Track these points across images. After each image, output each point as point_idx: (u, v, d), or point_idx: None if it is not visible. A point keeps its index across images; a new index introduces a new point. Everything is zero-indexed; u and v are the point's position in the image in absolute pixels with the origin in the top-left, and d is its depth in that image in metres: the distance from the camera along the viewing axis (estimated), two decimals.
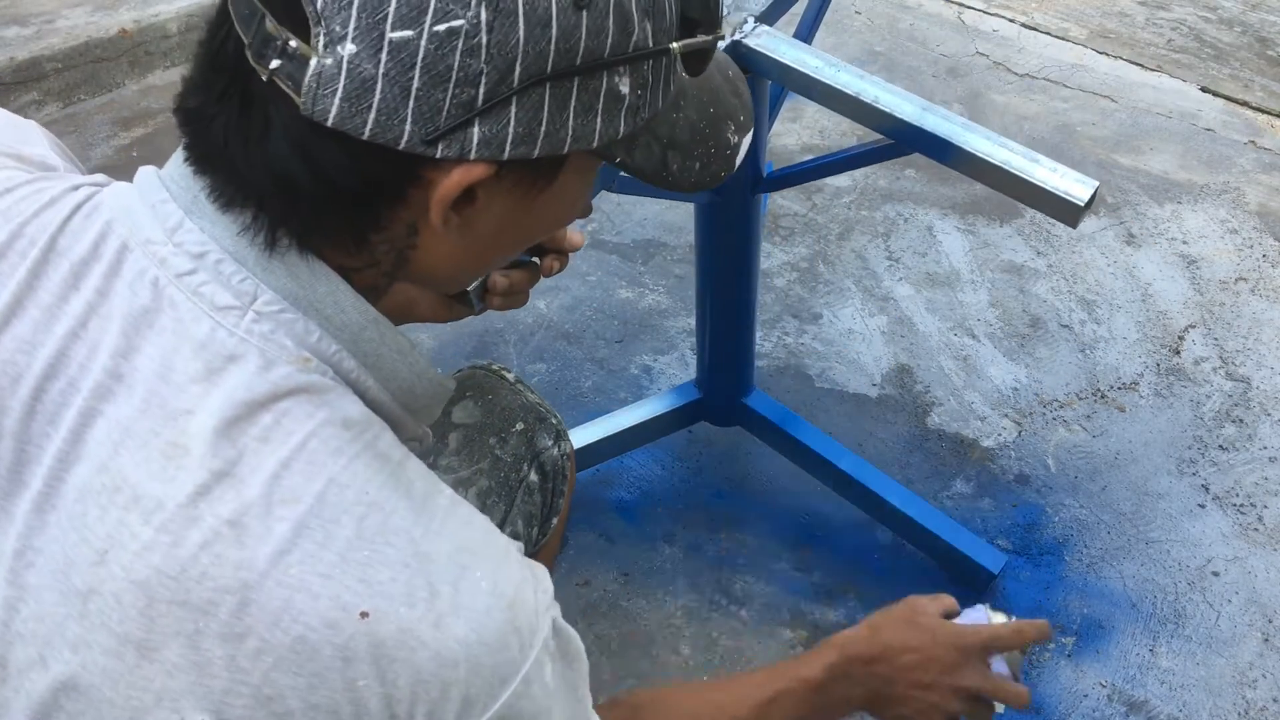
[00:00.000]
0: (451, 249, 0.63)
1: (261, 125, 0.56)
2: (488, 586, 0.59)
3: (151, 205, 0.60)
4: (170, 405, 0.57)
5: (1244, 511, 1.76)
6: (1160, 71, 2.94)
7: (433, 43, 0.53)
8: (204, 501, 0.55)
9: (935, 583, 1.64)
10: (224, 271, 0.59)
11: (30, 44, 2.59)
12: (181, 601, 0.54)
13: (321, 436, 0.57)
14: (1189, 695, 1.51)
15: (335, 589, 0.55)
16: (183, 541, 0.55)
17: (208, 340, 0.58)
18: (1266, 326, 2.12)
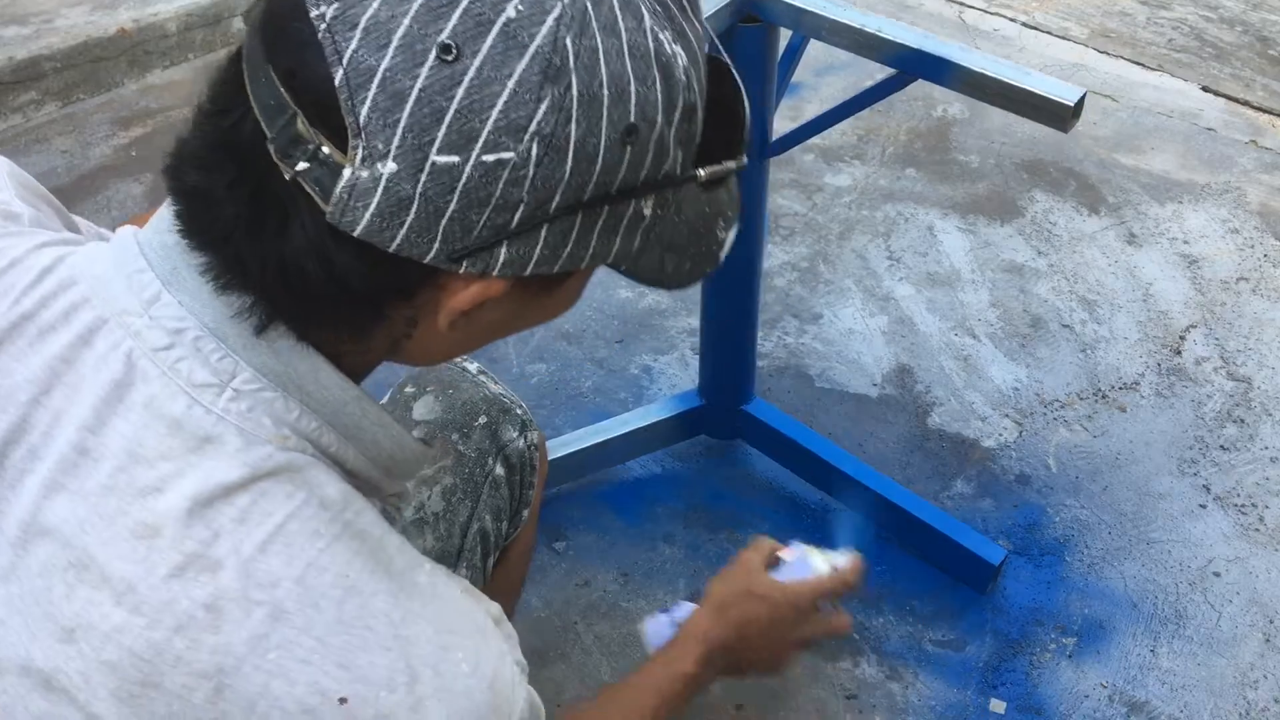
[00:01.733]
0: (447, 342, 0.63)
1: (276, 222, 0.54)
2: (468, 668, 0.58)
3: (128, 275, 0.58)
4: (139, 483, 0.55)
5: (1245, 512, 1.76)
6: (1161, 71, 2.94)
7: (478, 171, 0.51)
8: (178, 583, 0.54)
9: (934, 582, 1.64)
10: (203, 349, 0.57)
11: (29, 43, 2.59)
12: (155, 684, 0.53)
13: (300, 518, 0.56)
14: (1190, 696, 1.51)
15: (313, 674, 0.54)
16: (157, 624, 0.53)
17: (183, 418, 0.56)
18: (1268, 326, 2.11)
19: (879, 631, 1.58)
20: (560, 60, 0.51)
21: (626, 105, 0.53)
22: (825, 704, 1.49)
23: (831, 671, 1.53)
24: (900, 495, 1.65)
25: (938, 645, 1.57)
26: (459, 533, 1.05)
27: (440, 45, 0.49)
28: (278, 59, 0.52)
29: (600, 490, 1.77)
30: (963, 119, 2.71)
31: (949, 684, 1.52)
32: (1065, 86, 1.10)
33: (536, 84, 0.51)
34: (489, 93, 0.50)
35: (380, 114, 0.50)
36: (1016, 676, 1.53)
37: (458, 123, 0.50)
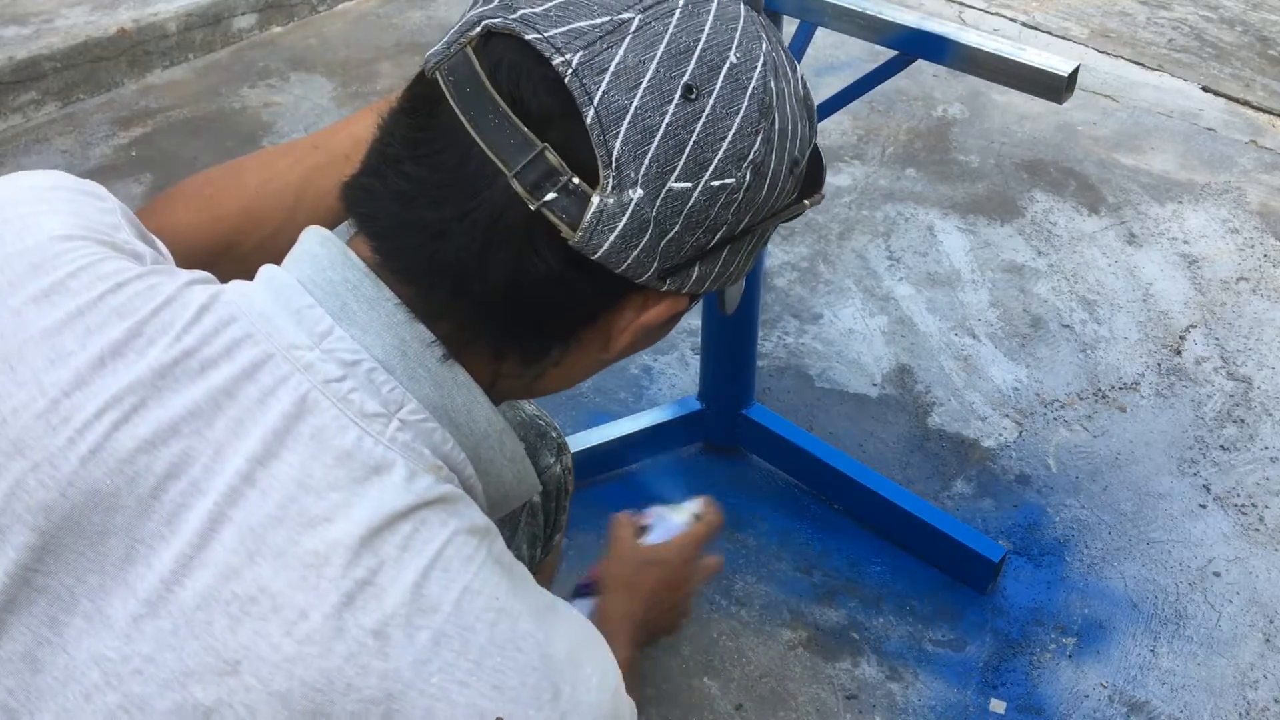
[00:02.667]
0: (584, 367, 0.68)
1: (512, 253, 0.58)
2: (597, 682, 0.61)
3: (296, 311, 0.60)
4: (310, 513, 0.56)
5: (1245, 512, 1.76)
6: (1161, 71, 2.94)
7: (704, 195, 0.59)
8: (348, 612, 0.55)
9: (934, 582, 1.64)
10: (375, 380, 0.59)
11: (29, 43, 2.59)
12: (325, 714, 0.54)
13: (455, 544, 0.58)
14: (1190, 696, 1.51)
15: (472, 696, 0.56)
16: (329, 653, 0.54)
17: (354, 449, 0.58)
18: (1268, 326, 2.11)
19: (879, 631, 1.58)
20: (769, 100, 0.60)
21: (796, 140, 0.63)
22: (825, 704, 1.49)
23: (831, 671, 1.53)
24: (900, 495, 1.65)
25: (938, 645, 1.57)
26: None
27: (684, 86, 0.57)
28: (519, 97, 0.57)
29: (600, 489, 1.77)
30: (963, 119, 2.71)
31: (949, 684, 1.52)
32: (1059, 60, 1.15)
33: (755, 119, 0.59)
34: (721, 126, 0.58)
35: (631, 147, 0.56)
36: (1016, 676, 1.53)
37: (695, 153, 0.58)
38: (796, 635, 1.57)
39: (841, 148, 2.60)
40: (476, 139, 0.57)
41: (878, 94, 2.78)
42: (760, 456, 1.79)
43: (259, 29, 3.00)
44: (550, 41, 0.56)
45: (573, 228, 0.57)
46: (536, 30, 0.57)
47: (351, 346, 0.59)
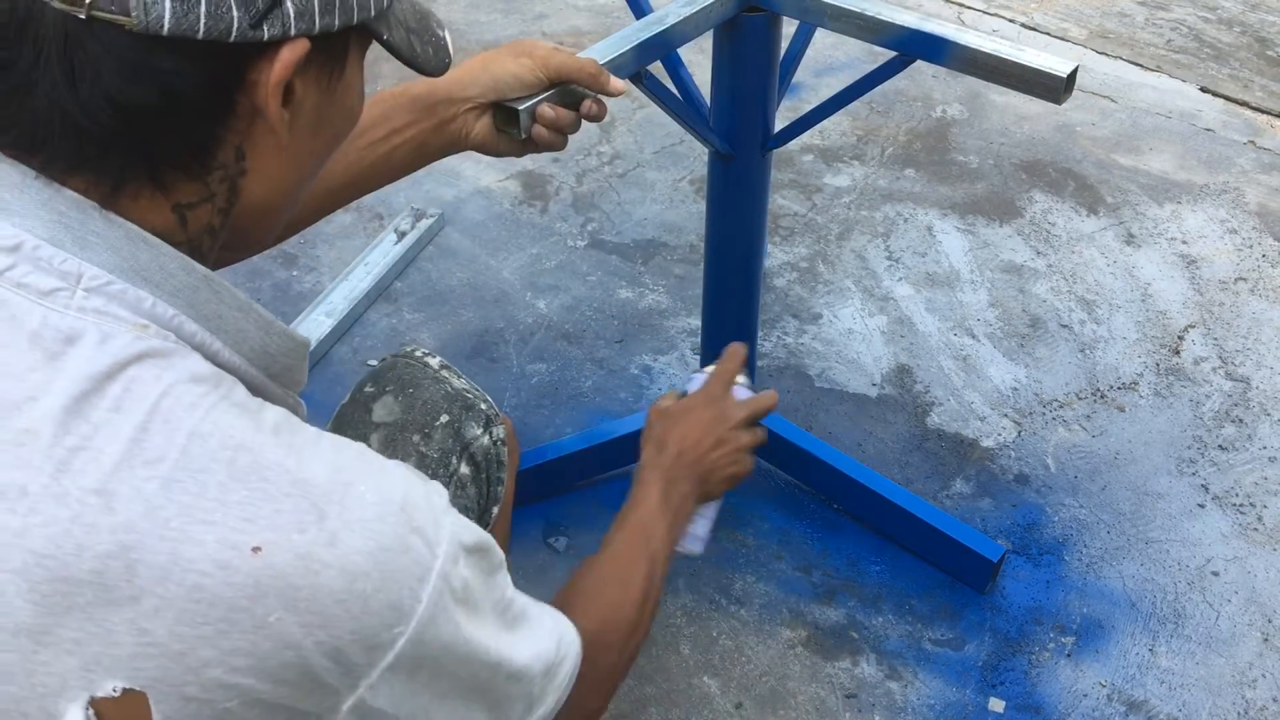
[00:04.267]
0: (279, 164, 0.66)
1: (91, 69, 0.56)
2: (374, 497, 0.60)
3: None
4: (14, 397, 0.56)
5: (1244, 511, 1.77)
6: (1160, 72, 2.95)
7: None
8: (66, 477, 0.55)
9: (934, 581, 1.64)
10: (42, 256, 0.59)
11: None
12: (65, 578, 0.54)
13: (174, 395, 0.58)
14: (1189, 695, 1.51)
15: (220, 532, 0.55)
16: (53, 520, 0.54)
17: (41, 327, 0.57)
18: (1266, 326, 2.12)
19: (878, 631, 1.58)
20: None
21: None
22: (824, 702, 1.49)
23: (831, 670, 1.53)
24: (899, 495, 1.65)
25: (937, 644, 1.57)
26: None
27: None
28: None
29: (600, 489, 1.77)
30: (962, 120, 2.71)
31: (948, 683, 1.52)
32: (1057, 60, 1.17)
33: None
34: None
35: None
36: (1015, 675, 1.53)
37: None
38: (796, 634, 1.57)
39: (841, 148, 2.60)
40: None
41: (877, 94, 2.79)
42: (760, 457, 1.80)
43: None
44: None
45: (126, 14, 0.55)
46: None
47: (11, 232, 0.59)
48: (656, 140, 2.60)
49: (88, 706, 0.55)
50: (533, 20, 3.09)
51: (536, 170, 2.50)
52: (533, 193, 2.44)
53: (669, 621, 1.58)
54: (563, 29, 3.05)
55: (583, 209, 2.39)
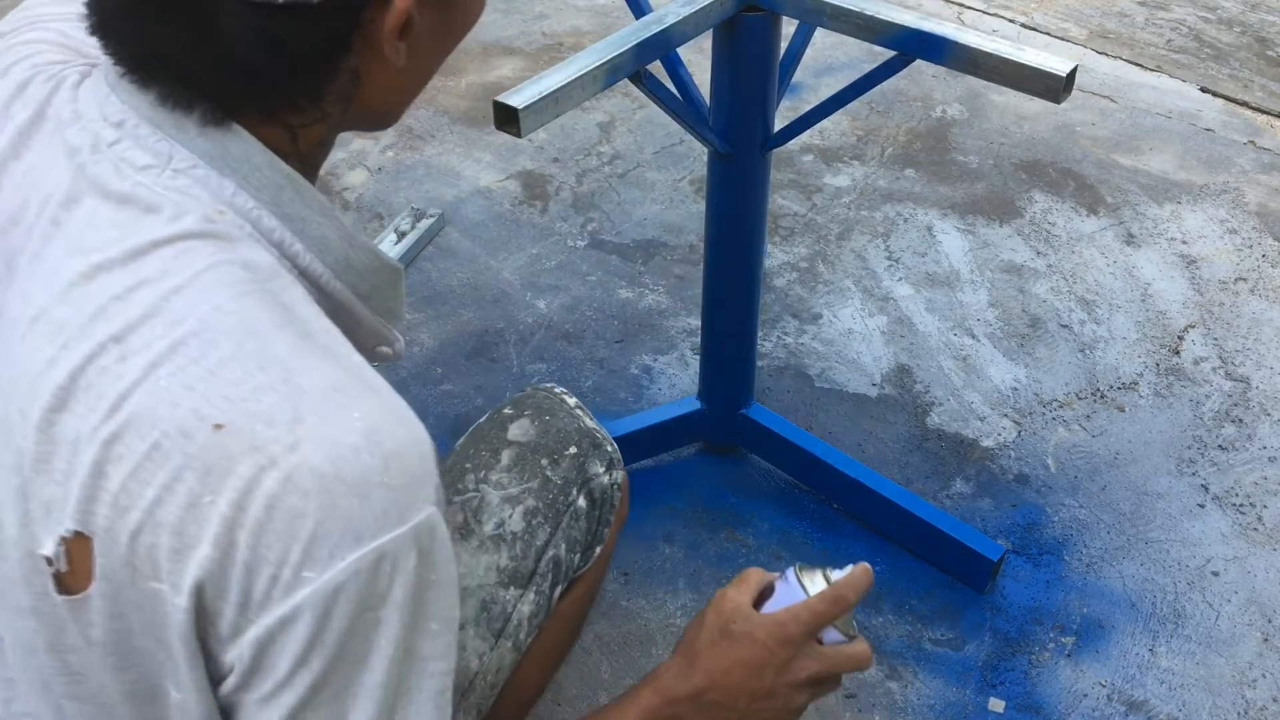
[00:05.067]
0: (395, 78, 0.66)
1: (212, 30, 0.59)
2: (362, 428, 0.57)
3: (99, 84, 0.67)
4: (87, 244, 0.62)
5: (1243, 511, 1.77)
6: (1160, 72, 2.95)
7: None
8: (99, 321, 0.59)
9: (933, 581, 1.64)
10: (141, 134, 0.63)
11: None
12: (69, 409, 0.58)
13: (218, 270, 0.60)
14: (1188, 695, 1.51)
15: (196, 401, 0.56)
16: (74, 354, 0.59)
17: (129, 195, 0.62)
18: (1266, 326, 2.12)
19: (878, 631, 1.58)
20: None
21: None
22: (824, 702, 1.49)
23: None
24: (898, 494, 1.65)
25: (937, 644, 1.57)
26: (534, 556, 1.05)
27: None
28: None
29: None
30: (961, 120, 2.71)
31: (948, 683, 1.52)
32: (1057, 60, 1.17)
33: None
34: None
35: None
36: (1015, 675, 1.53)
37: None
38: None
39: (841, 148, 2.60)
40: None
41: (877, 94, 2.79)
42: (760, 456, 1.80)
43: None
44: None
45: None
46: None
47: (120, 108, 0.64)
48: (656, 140, 2.60)
49: (60, 541, 0.58)
50: (533, 20, 3.09)
51: (536, 170, 2.50)
52: (533, 193, 2.44)
53: (668, 621, 1.58)
54: (563, 29, 3.05)
55: (583, 209, 2.39)
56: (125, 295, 0.59)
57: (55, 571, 0.58)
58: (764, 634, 0.81)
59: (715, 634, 0.82)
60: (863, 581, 0.83)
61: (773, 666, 0.81)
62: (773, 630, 0.81)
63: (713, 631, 0.82)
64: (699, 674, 0.81)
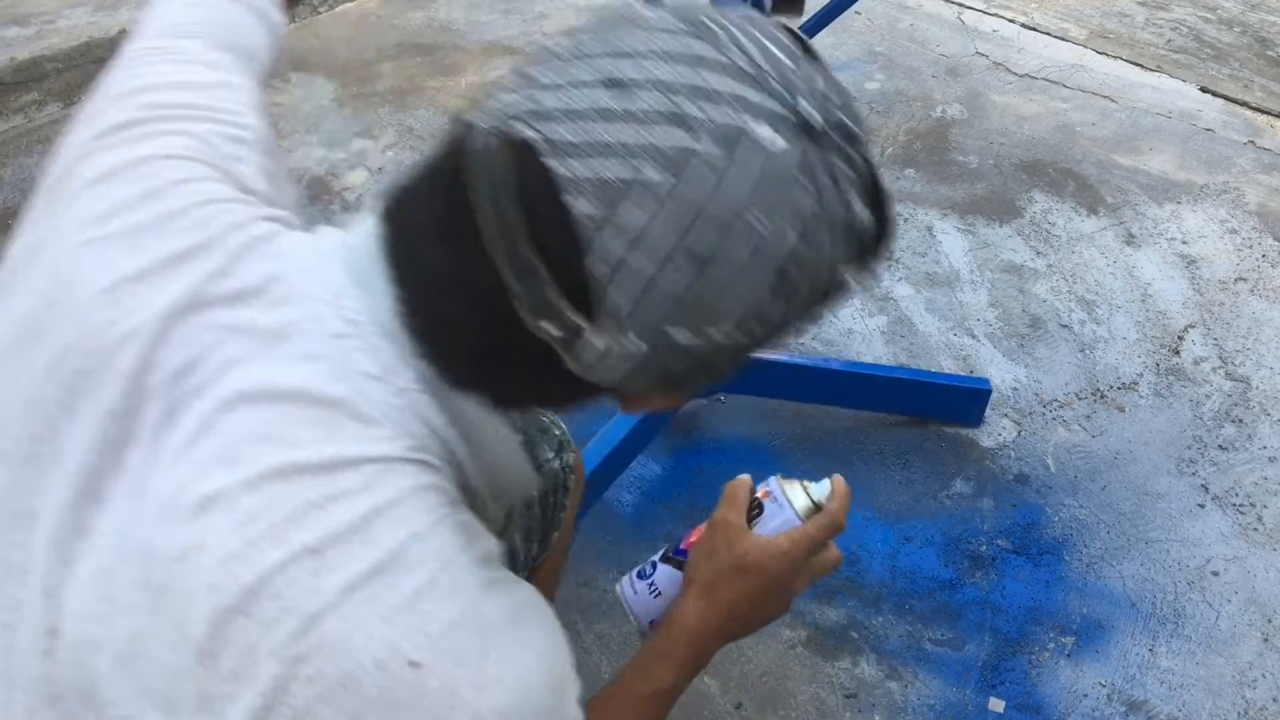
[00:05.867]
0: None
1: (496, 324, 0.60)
2: (537, 666, 0.60)
3: (327, 268, 0.65)
4: (285, 437, 0.59)
5: (1243, 511, 1.77)
6: (1160, 72, 2.95)
7: (709, 345, 0.59)
8: (294, 527, 0.57)
9: (933, 582, 1.64)
10: (374, 343, 0.62)
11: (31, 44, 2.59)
12: (251, 615, 0.56)
13: (419, 495, 0.60)
14: (1189, 695, 1.51)
15: (392, 634, 0.56)
16: (265, 558, 0.57)
17: (342, 400, 0.61)
18: (1266, 326, 2.12)
19: (878, 631, 1.58)
20: (793, 269, 0.58)
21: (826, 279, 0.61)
22: (825, 703, 1.49)
23: (831, 671, 1.53)
24: (877, 369, 1.69)
25: (937, 644, 1.57)
26: None
27: (700, 258, 0.56)
28: (536, 230, 0.56)
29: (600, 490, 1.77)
30: (962, 120, 2.72)
31: (948, 683, 1.52)
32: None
33: (775, 286, 0.58)
34: (735, 294, 0.57)
35: (631, 300, 0.57)
36: (1015, 675, 1.53)
37: (701, 313, 0.58)
38: (796, 634, 1.57)
39: None
40: (494, 242, 0.58)
41: (877, 95, 2.79)
42: (740, 392, 1.82)
43: None
44: (574, 183, 0.55)
45: (566, 350, 0.59)
46: (560, 157, 0.55)
47: (360, 308, 0.63)
48: None
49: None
50: (533, 20, 3.09)
51: None
52: None
53: None
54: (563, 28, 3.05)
55: None
56: (324, 505, 0.58)
57: None
58: (774, 565, 0.88)
59: (729, 570, 0.89)
60: (846, 499, 0.91)
61: (780, 588, 0.91)
62: (780, 561, 0.89)
63: (726, 567, 0.89)
64: (719, 610, 0.89)
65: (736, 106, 0.55)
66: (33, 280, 0.66)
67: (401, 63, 2.89)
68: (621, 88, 0.56)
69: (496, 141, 0.57)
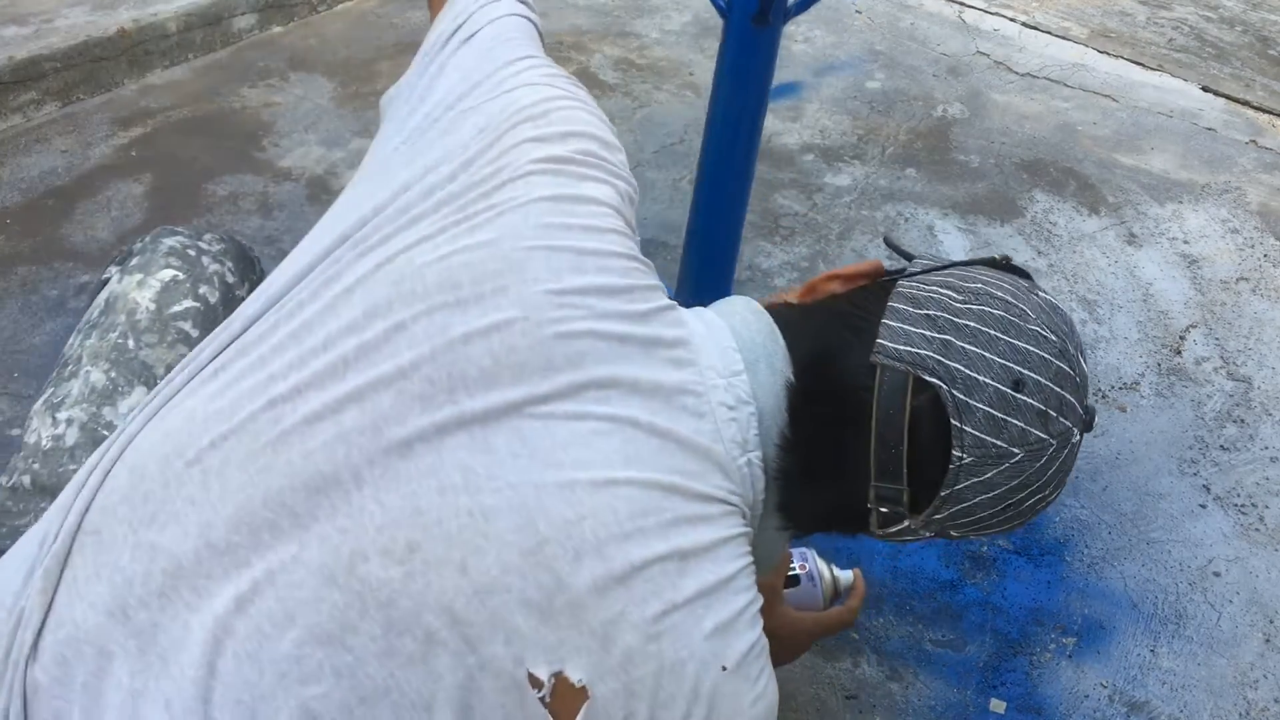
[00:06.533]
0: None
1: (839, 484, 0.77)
2: (776, 695, 0.74)
3: (722, 348, 0.77)
4: (678, 467, 0.71)
5: (1245, 512, 1.76)
6: (1161, 71, 2.94)
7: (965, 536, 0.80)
8: (673, 533, 0.69)
9: (933, 583, 1.64)
10: (749, 423, 0.75)
11: (29, 43, 2.59)
12: (628, 587, 0.66)
13: (742, 540, 0.73)
14: (1190, 696, 1.51)
15: (718, 642, 0.68)
16: (651, 546, 0.67)
17: (710, 451, 0.73)
18: (1268, 326, 2.11)
19: (879, 631, 1.58)
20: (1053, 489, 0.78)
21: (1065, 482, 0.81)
22: (825, 703, 1.49)
23: (831, 671, 1.53)
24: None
25: (937, 645, 1.57)
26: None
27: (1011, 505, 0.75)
28: (914, 452, 0.74)
29: None
30: (963, 119, 2.71)
31: (949, 684, 1.52)
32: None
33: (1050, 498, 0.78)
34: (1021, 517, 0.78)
35: (951, 518, 0.76)
36: (1016, 676, 1.53)
37: (979, 528, 0.78)
38: None
39: (841, 148, 2.60)
40: (872, 450, 0.74)
41: (878, 94, 2.78)
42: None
43: (259, 29, 3.00)
44: (962, 437, 0.73)
45: (880, 524, 0.77)
46: (961, 420, 0.73)
47: (749, 391, 0.76)
48: (656, 140, 2.59)
49: (553, 676, 0.65)
50: None
51: None
52: None
53: None
54: (563, 27, 3.04)
55: None
56: (695, 522, 0.70)
57: (541, 696, 0.66)
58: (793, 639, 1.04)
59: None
60: (863, 598, 1.10)
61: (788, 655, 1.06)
62: (800, 637, 1.05)
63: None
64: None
65: (1071, 415, 0.75)
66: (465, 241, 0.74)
67: (400, 62, 2.88)
68: (1020, 389, 0.73)
69: (909, 378, 0.74)
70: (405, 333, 0.70)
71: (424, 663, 0.65)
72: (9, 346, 1.92)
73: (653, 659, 0.66)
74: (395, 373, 0.69)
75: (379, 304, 0.72)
